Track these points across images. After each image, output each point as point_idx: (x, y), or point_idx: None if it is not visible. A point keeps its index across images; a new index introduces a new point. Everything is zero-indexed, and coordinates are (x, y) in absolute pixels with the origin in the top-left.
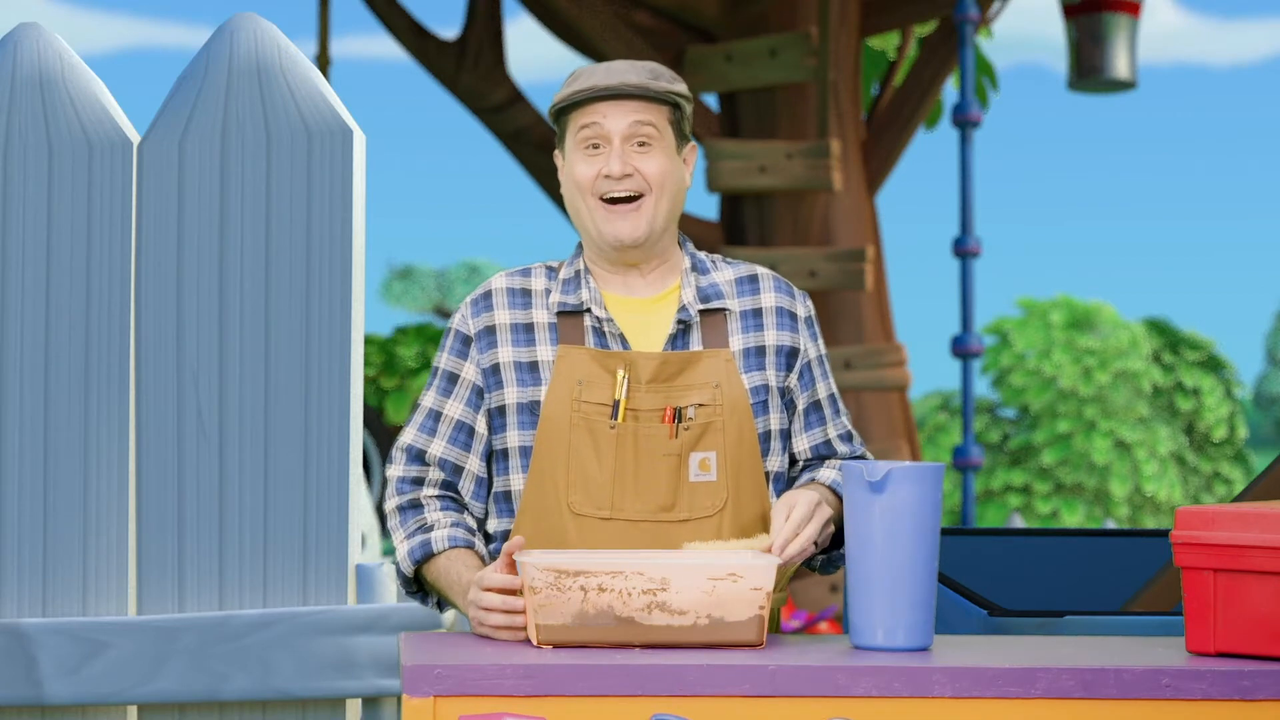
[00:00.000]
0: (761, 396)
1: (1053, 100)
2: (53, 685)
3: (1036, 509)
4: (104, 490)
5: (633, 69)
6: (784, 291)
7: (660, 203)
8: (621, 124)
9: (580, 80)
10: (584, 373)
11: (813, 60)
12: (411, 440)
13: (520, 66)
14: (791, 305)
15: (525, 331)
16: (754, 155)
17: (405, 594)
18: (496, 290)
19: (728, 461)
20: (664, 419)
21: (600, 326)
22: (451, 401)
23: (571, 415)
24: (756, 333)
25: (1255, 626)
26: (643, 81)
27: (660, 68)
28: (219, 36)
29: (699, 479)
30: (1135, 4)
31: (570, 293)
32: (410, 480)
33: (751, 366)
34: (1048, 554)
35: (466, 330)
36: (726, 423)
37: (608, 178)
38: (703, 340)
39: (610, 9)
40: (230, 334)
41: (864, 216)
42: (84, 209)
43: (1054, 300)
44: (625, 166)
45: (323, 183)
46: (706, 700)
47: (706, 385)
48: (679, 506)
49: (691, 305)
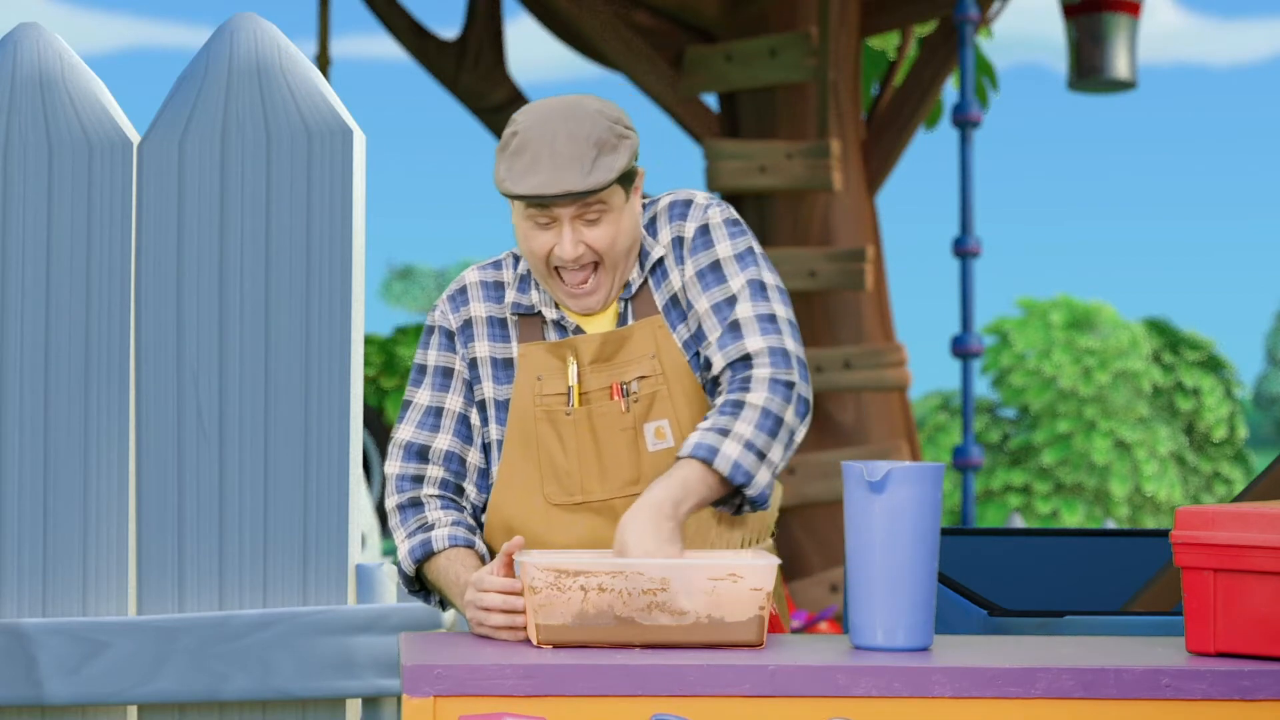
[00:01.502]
0: (693, 349)
1: (1053, 100)
2: (53, 685)
3: (1036, 509)
4: (104, 490)
5: (574, 152)
6: (677, 217)
7: (616, 265)
8: (570, 209)
9: (521, 163)
10: (541, 367)
11: (813, 60)
12: (410, 437)
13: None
14: (681, 229)
15: (500, 326)
16: (754, 155)
17: (407, 592)
18: (471, 285)
19: (681, 425)
20: (612, 395)
21: (558, 320)
22: (451, 396)
23: (535, 410)
24: (666, 281)
25: (1255, 626)
26: (582, 183)
27: (603, 123)
28: (219, 36)
29: (657, 447)
30: (1135, 4)
31: (524, 292)
32: (410, 478)
33: (676, 320)
34: (1048, 554)
35: (449, 325)
36: (672, 388)
37: (560, 258)
38: (634, 312)
39: (610, 9)
40: (230, 334)
41: (864, 216)
42: (84, 209)
43: (1054, 300)
44: (576, 248)
45: (323, 183)
46: (706, 700)
47: (644, 357)
48: (643, 479)
49: (634, 281)
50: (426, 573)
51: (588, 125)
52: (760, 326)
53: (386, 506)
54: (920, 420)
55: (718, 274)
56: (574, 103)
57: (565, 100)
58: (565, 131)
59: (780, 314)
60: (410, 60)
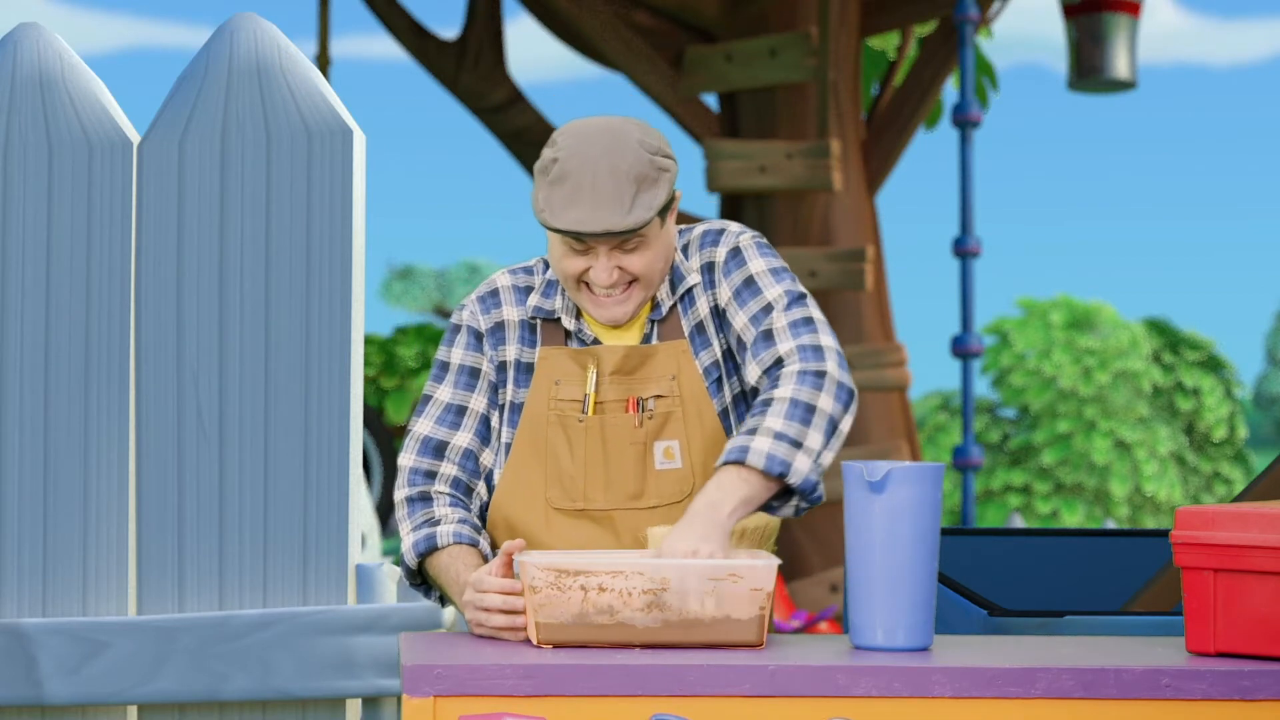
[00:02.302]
0: (715, 374)
1: (1053, 100)
2: (53, 685)
3: (1036, 509)
4: (104, 490)
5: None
6: (708, 244)
7: (650, 285)
8: (609, 241)
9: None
10: (561, 371)
11: (813, 60)
12: (429, 432)
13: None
14: (711, 255)
15: (530, 331)
16: (754, 155)
17: (409, 585)
18: (503, 288)
19: (691, 449)
20: (627, 409)
21: (579, 331)
22: (476, 396)
23: (548, 414)
24: (693, 308)
25: (1255, 626)
26: (622, 223)
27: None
28: (219, 36)
29: (665, 466)
30: (1135, 4)
31: (549, 297)
32: (423, 473)
33: (700, 346)
34: (1048, 554)
35: (478, 326)
36: (686, 412)
37: (594, 281)
38: (660, 334)
39: (610, 9)
40: (230, 334)
41: (864, 216)
42: (84, 209)
43: (1054, 300)
44: (611, 275)
45: (323, 183)
46: (706, 700)
47: (663, 377)
48: (647, 494)
49: (664, 303)
50: (429, 568)
51: (630, 159)
52: (793, 331)
53: (395, 497)
54: (920, 420)
55: (753, 288)
56: (617, 130)
57: (608, 125)
58: (607, 165)
59: (815, 316)
60: (410, 60)
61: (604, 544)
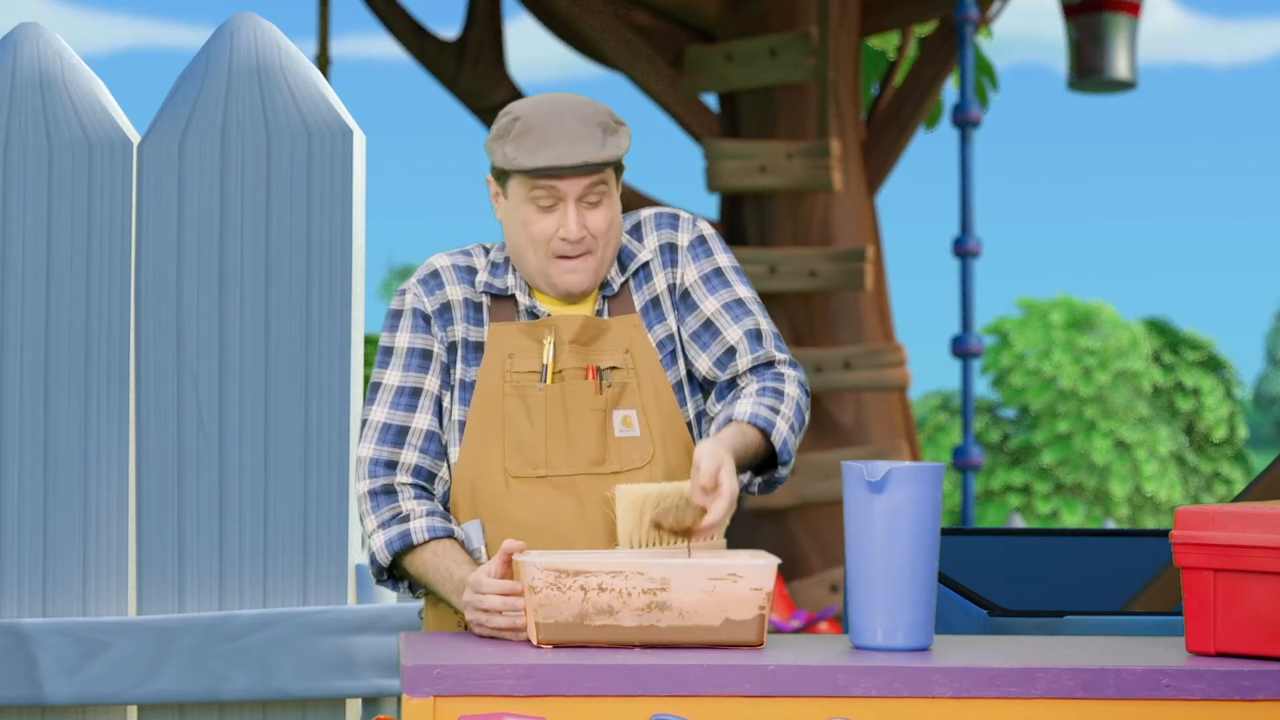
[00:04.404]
0: (669, 347)
1: (1053, 100)
2: (53, 685)
3: (1036, 509)
4: (104, 490)
5: (584, 130)
6: (666, 226)
7: (607, 251)
8: (577, 188)
9: (532, 140)
10: (514, 346)
11: (813, 60)
12: (385, 418)
13: (520, 66)
14: (673, 237)
15: (475, 310)
16: (754, 155)
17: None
18: (443, 269)
19: (648, 418)
20: (587, 375)
21: (533, 307)
22: (429, 378)
23: (504, 386)
24: (649, 283)
25: (1255, 626)
26: (598, 155)
27: (602, 109)
28: (219, 36)
29: (624, 434)
30: (1135, 4)
31: (498, 275)
32: (384, 463)
33: (654, 320)
34: (1048, 554)
35: (424, 308)
36: (641, 383)
37: (564, 240)
38: (611, 310)
39: (610, 9)
40: (230, 334)
41: (864, 216)
42: (84, 209)
43: (1054, 300)
44: (580, 230)
45: (323, 183)
46: (706, 700)
47: (618, 350)
48: (609, 460)
49: (615, 281)
50: (408, 565)
51: (589, 110)
52: (777, 345)
53: (357, 490)
54: (920, 420)
55: (723, 279)
56: (568, 95)
57: (558, 94)
58: (573, 113)
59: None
60: (410, 60)
61: (568, 510)
